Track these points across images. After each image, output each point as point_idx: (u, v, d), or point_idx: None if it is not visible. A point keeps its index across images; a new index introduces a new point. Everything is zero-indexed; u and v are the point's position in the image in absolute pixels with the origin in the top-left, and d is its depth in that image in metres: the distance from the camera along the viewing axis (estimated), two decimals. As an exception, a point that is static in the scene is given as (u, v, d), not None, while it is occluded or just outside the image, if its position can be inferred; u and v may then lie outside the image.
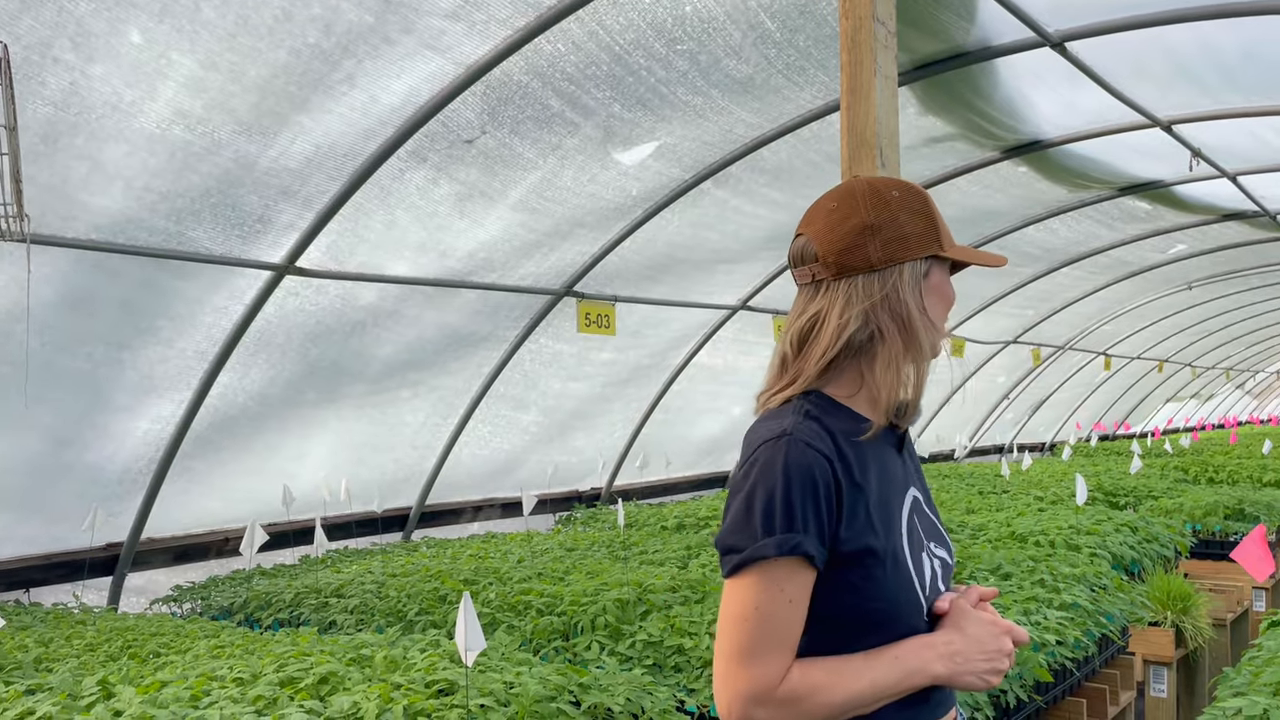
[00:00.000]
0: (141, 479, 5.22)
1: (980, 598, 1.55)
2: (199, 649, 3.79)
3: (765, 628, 1.38)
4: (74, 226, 3.98)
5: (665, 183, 5.70)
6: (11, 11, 3.13)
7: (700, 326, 7.71)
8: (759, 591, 1.38)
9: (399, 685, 3.01)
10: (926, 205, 1.53)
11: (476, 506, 7.32)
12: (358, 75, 3.92)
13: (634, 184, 5.58)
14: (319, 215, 4.60)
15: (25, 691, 3.23)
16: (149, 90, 3.60)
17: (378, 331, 5.65)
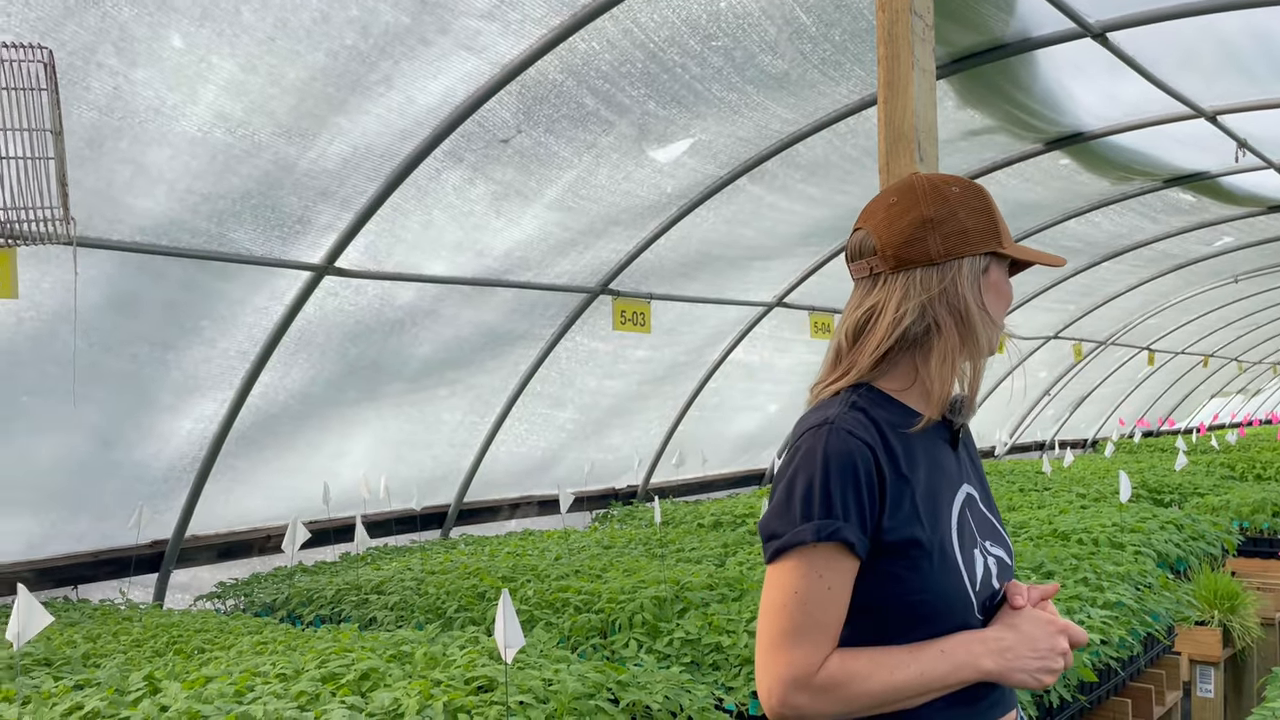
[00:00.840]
0: (186, 477, 5.30)
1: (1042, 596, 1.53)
2: (242, 645, 3.84)
3: (804, 613, 1.39)
4: (119, 229, 4.04)
5: (700, 179, 5.68)
6: (56, 18, 3.19)
7: (736, 323, 7.68)
8: (798, 577, 1.39)
9: (439, 682, 3.03)
10: (986, 202, 1.54)
11: (514, 504, 7.35)
12: (394, 76, 3.95)
13: (669, 181, 5.57)
14: (357, 216, 4.65)
15: (74, 687, 3.30)
16: (190, 94, 3.65)
17: (416, 330, 5.69)
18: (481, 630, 4.00)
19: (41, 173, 3.01)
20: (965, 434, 1.63)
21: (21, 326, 4.15)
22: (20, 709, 2.95)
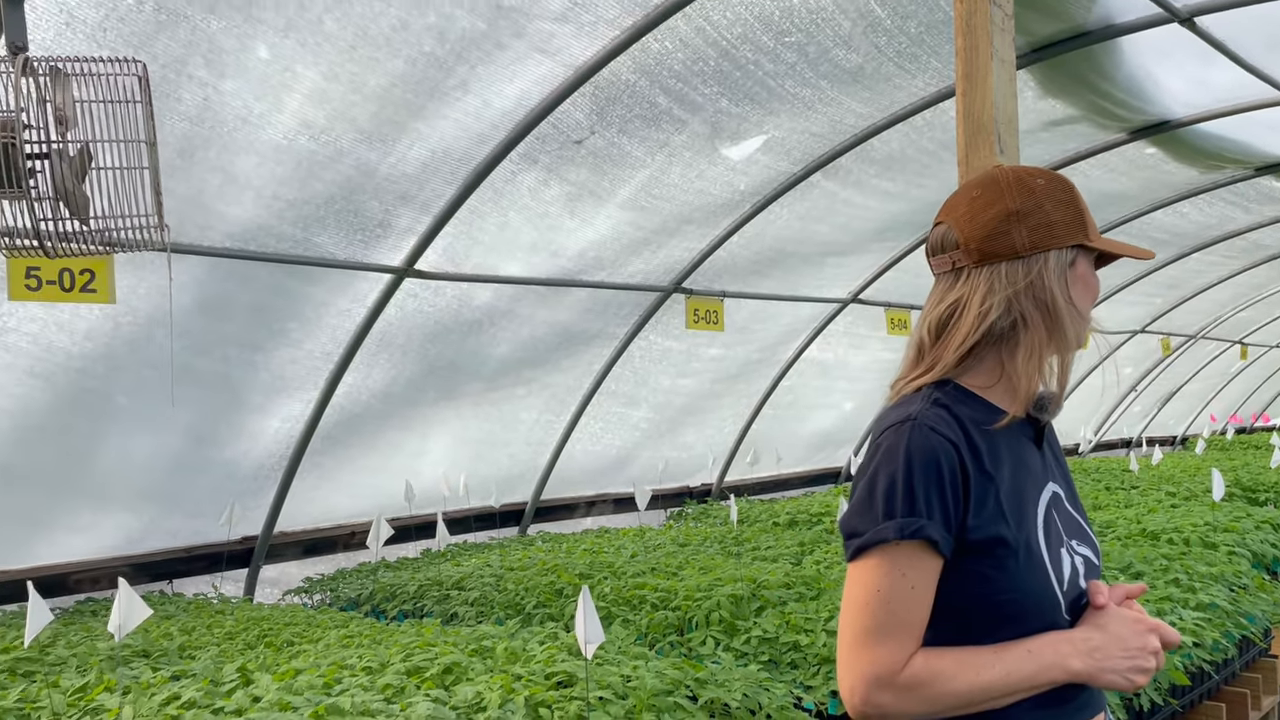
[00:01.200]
0: (274, 475, 5.46)
1: (1126, 595, 1.50)
2: (330, 639, 3.94)
3: (887, 611, 1.37)
4: (210, 235, 4.19)
5: (773, 176, 5.66)
6: (148, 33, 3.32)
7: (810, 320, 7.63)
8: (880, 575, 1.38)
9: (519, 676, 3.08)
10: (1072, 194, 1.51)
11: (589, 502, 7.41)
12: (471, 81, 4.01)
13: (741, 179, 5.56)
14: (436, 219, 4.73)
15: (171, 677, 3.42)
16: (276, 103, 3.76)
17: (493, 331, 5.78)
18: (560, 626, 4.05)
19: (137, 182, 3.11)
20: (1049, 431, 1.60)
21: (119, 331, 4.32)
22: (121, 698, 3.07)
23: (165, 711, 2.88)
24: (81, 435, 4.62)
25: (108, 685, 3.23)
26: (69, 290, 3.73)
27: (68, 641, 3.99)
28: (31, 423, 4.35)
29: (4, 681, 3.48)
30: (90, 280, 3.78)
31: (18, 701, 3.13)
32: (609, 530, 6.87)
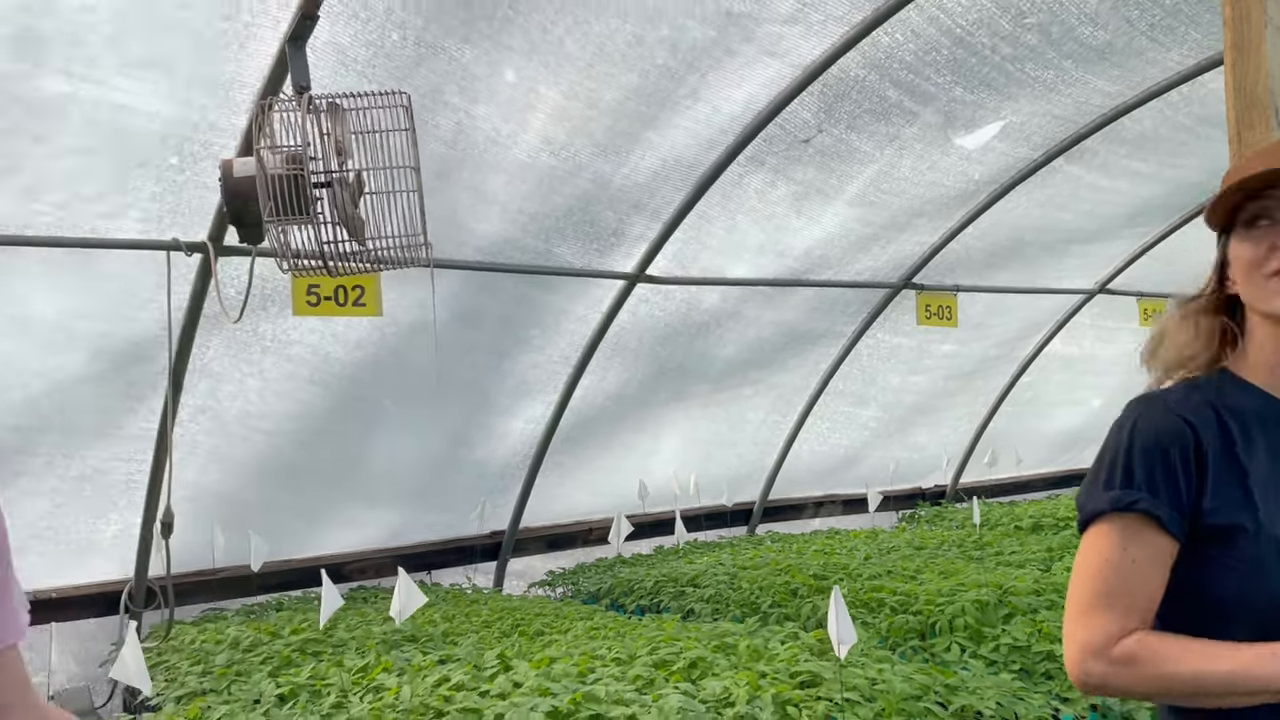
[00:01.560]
0: (519, 473, 5.77)
1: None
2: (577, 630, 4.13)
3: (1104, 582, 1.37)
4: (462, 250, 4.49)
5: (1011, 163, 5.42)
6: (410, 65, 3.60)
7: (1051, 313, 7.23)
8: (1100, 547, 1.38)
9: (764, 674, 3.12)
10: None
11: (818, 502, 7.36)
12: (701, 89, 4.10)
13: (976, 168, 5.36)
14: (666, 225, 4.86)
15: (438, 661, 3.70)
16: (521, 123, 3.98)
17: (720, 332, 5.86)
18: (798, 626, 4.06)
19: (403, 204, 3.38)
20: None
21: (385, 341, 4.71)
22: (398, 679, 3.35)
23: (438, 692, 3.12)
24: (353, 438, 5.06)
25: (385, 666, 3.54)
26: (343, 305, 4.10)
27: (347, 625, 4.38)
28: (312, 426, 4.81)
29: (297, 660, 3.87)
30: (361, 295, 4.14)
31: (309, 678, 3.48)
32: (839, 531, 6.79)
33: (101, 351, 4.00)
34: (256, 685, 3.45)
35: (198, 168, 3.59)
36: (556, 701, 2.84)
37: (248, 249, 3.44)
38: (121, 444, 4.25)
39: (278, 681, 3.44)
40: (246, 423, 4.59)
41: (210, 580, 4.77)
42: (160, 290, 3.79)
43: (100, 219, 3.56)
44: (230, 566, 4.78)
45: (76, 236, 3.58)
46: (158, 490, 4.31)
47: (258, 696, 3.35)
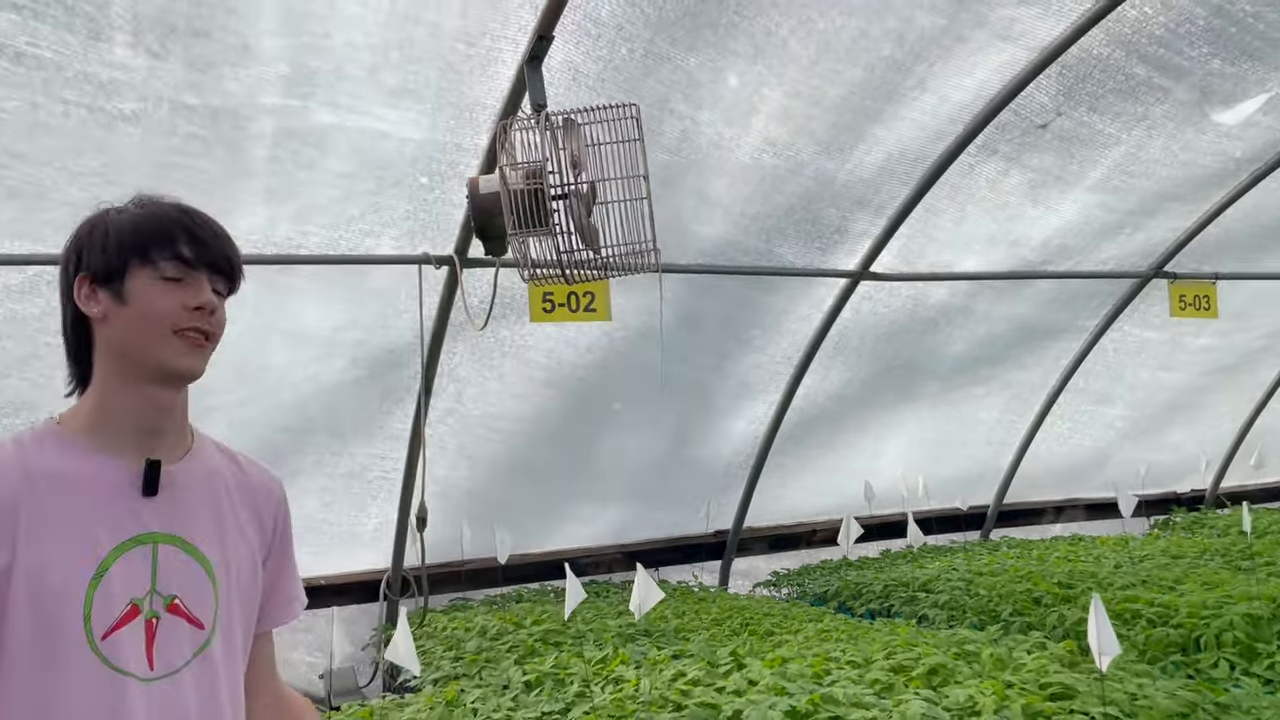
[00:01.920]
0: (741, 473, 5.81)
1: None
2: (808, 631, 4.11)
3: None
4: (686, 254, 4.57)
5: (1276, 139, 4.94)
6: (638, 76, 3.70)
7: (1330, 300, 6.53)
8: None
9: (1010, 684, 3.00)
10: None
11: (1058, 507, 6.97)
12: (928, 79, 3.99)
13: (1236, 145, 4.92)
14: (891, 220, 4.75)
15: (672, 655, 3.79)
16: (744, 126, 4.01)
17: (949, 329, 5.66)
18: (1042, 636, 3.86)
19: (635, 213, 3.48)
20: None
21: (613, 345, 4.86)
22: (635, 671, 3.45)
23: (675, 686, 3.19)
24: (584, 437, 5.25)
25: (623, 659, 3.65)
26: (575, 311, 4.27)
27: (583, 618, 4.56)
28: (547, 427, 5.04)
29: (539, 649, 4.07)
30: (591, 301, 4.30)
31: (553, 667, 3.64)
32: (1082, 538, 6.41)
33: (360, 359, 4.35)
34: (505, 672, 3.65)
35: (445, 186, 3.85)
36: (794, 701, 2.84)
37: (490, 260, 3.65)
38: (380, 443, 4.60)
39: (524, 669, 3.63)
40: (488, 423, 4.86)
41: (458, 571, 5.08)
42: (412, 301, 4.08)
43: (362, 237, 3.88)
44: (476, 559, 5.08)
45: (341, 254, 3.91)
46: (411, 486, 4.65)
47: (506, 682, 3.55)
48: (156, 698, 1.22)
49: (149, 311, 1.25)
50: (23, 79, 3.00)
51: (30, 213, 3.33)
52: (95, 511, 1.21)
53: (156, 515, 1.26)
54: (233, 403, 4.15)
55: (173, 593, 1.25)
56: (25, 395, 3.81)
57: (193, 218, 1.31)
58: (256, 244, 3.70)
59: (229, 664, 1.33)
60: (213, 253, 1.29)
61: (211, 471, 1.36)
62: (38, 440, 1.24)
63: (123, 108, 3.16)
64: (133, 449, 1.27)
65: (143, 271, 1.26)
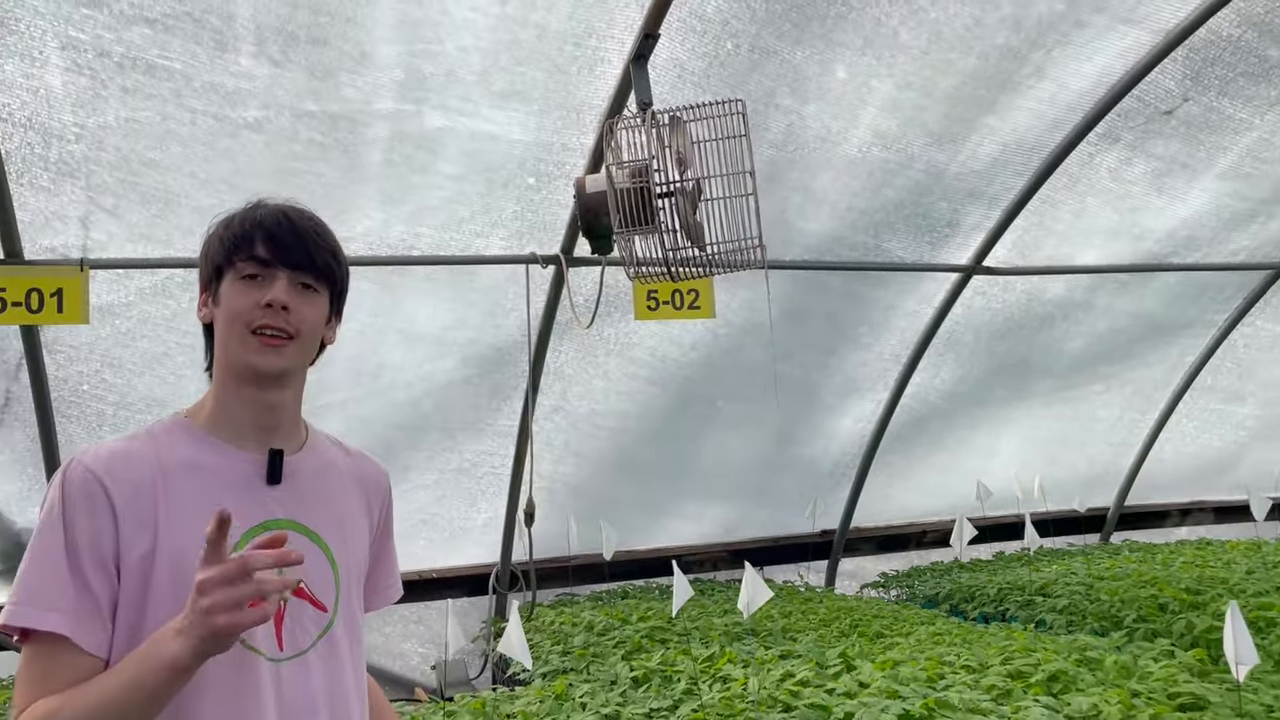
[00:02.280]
0: (848, 472, 5.72)
1: None
2: (919, 634, 4.02)
3: None
4: (791, 250, 4.52)
5: None
6: (743, 72, 3.68)
7: None
8: None
9: (1136, 693, 2.88)
10: None
11: (1183, 510, 6.66)
12: (1046, 66, 3.85)
13: (1383, 126, 4.61)
14: (1005, 213, 4.61)
15: (780, 656, 3.75)
16: (851, 119, 3.95)
17: (1066, 325, 5.47)
18: (1169, 643, 3.70)
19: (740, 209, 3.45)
20: None
21: (717, 342, 4.84)
22: (743, 670, 3.43)
23: (784, 687, 3.16)
24: (688, 435, 5.25)
25: (730, 657, 3.64)
26: (679, 309, 4.27)
27: (688, 615, 4.55)
28: (651, 424, 5.05)
29: (646, 645, 4.08)
30: (695, 299, 4.29)
31: (660, 664, 3.65)
32: (1210, 542, 6.11)
33: (470, 358, 4.44)
34: (612, 667, 3.67)
35: (551, 186, 3.89)
36: (908, 705, 2.78)
37: (596, 259, 3.67)
38: (489, 440, 4.69)
39: (631, 665, 3.65)
40: (593, 420, 4.90)
41: (565, 566, 5.14)
42: (519, 300, 4.15)
43: (471, 238, 3.95)
44: (582, 554, 5.13)
45: (451, 255, 4.00)
46: (519, 482, 4.72)
47: (614, 678, 3.57)
48: (286, 678, 1.27)
49: (229, 311, 1.30)
50: (154, 90, 3.15)
51: (161, 218, 3.50)
52: (225, 498, 1.26)
53: (280, 503, 1.32)
54: (350, 400, 4.28)
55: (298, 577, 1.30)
56: (156, 393, 4.01)
57: (281, 219, 1.32)
58: (372, 245, 3.81)
59: (352, 647, 1.38)
60: (292, 252, 1.30)
61: (327, 463, 1.41)
62: (168, 432, 1.31)
63: (246, 115, 3.29)
64: (253, 441, 1.33)
65: (229, 274, 1.30)
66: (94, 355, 3.86)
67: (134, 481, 1.24)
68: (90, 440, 4.02)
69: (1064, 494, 6.25)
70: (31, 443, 3.95)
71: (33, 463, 4.02)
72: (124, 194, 3.40)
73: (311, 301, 1.33)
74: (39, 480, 4.05)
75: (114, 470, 1.23)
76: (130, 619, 1.21)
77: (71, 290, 3.39)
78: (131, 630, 1.21)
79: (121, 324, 3.80)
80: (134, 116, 3.21)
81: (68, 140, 3.21)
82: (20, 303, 3.33)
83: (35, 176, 3.27)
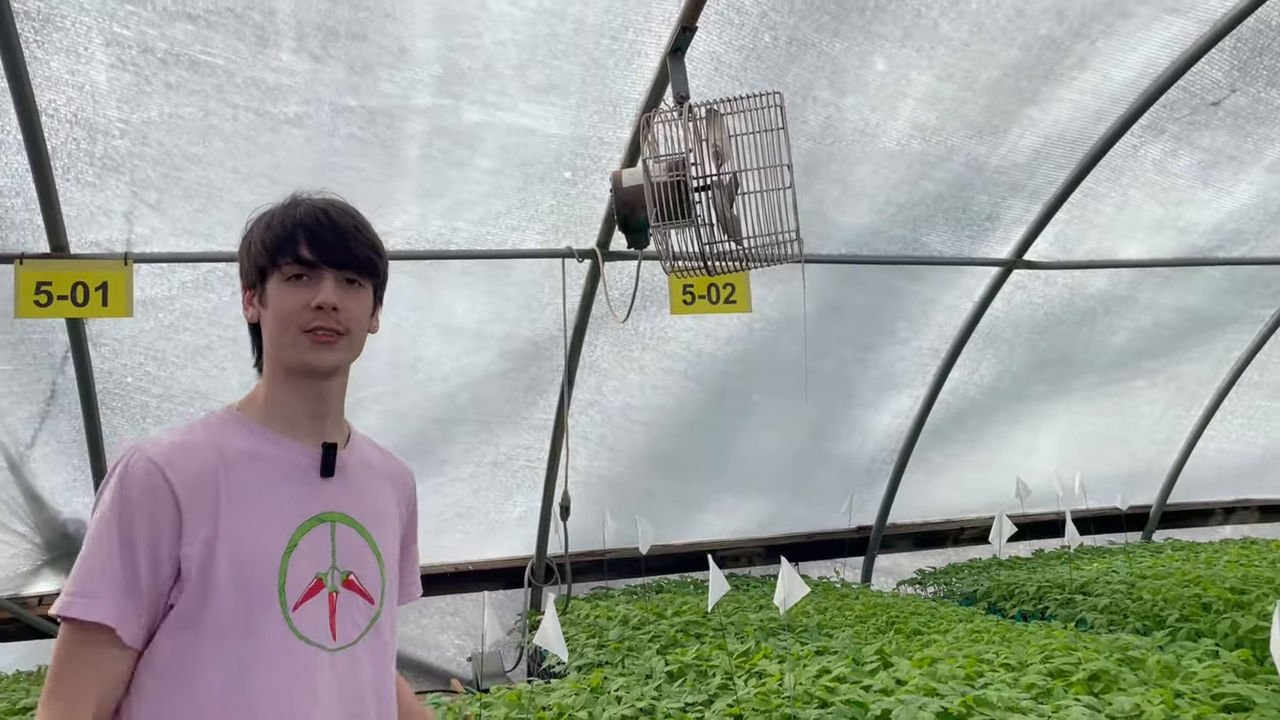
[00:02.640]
0: (885, 468, 5.68)
1: None
2: (957, 631, 3.99)
3: None
4: (828, 244, 4.49)
5: None
6: (781, 64, 3.65)
7: None
8: None
9: (1180, 694, 2.83)
10: None
11: (1227, 508, 6.55)
12: (1089, 57, 3.79)
13: None
14: (1046, 206, 4.55)
15: (815, 652, 3.73)
16: (890, 112, 3.91)
17: (1108, 319, 5.39)
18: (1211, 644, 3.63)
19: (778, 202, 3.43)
20: None
21: (753, 336, 4.82)
22: (779, 666, 3.42)
23: (820, 683, 3.14)
24: (723, 430, 5.23)
25: (765, 653, 3.62)
26: (715, 303, 4.25)
27: (724, 610, 4.55)
28: (686, 419, 5.04)
29: (681, 640, 4.08)
30: (731, 293, 4.27)
31: (695, 659, 3.65)
32: (1255, 541, 6.00)
33: (506, 352, 4.45)
34: (647, 661, 3.67)
35: (587, 180, 3.89)
36: (946, 703, 2.76)
37: (633, 254, 3.67)
38: (524, 434, 4.70)
39: (666, 659, 3.65)
40: (628, 415, 4.90)
41: (600, 560, 5.15)
42: (555, 295, 4.15)
43: (508, 232, 3.97)
44: (617, 549, 5.14)
45: (488, 249, 4.01)
46: (554, 475, 4.73)
47: (649, 672, 3.57)
48: (339, 668, 1.29)
49: (278, 312, 1.31)
50: (197, 85, 3.19)
51: (203, 212, 3.54)
52: (284, 488, 1.28)
53: (333, 496, 1.34)
54: (386, 394, 4.31)
55: (349, 568, 1.31)
56: (199, 385, 4.06)
57: (320, 217, 1.32)
58: (410, 240, 3.84)
59: (392, 638, 1.40)
60: (335, 251, 1.31)
61: (366, 460, 1.44)
62: (223, 423, 1.33)
63: (287, 111, 3.32)
64: (308, 433, 1.35)
65: (275, 275, 1.32)
66: (138, 348, 3.92)
67: (196, 472, 1.26)
68: (135, 432, 4.08)
69: (1105, 491, 6.16)
70: (77, 434, 4.02)
71: (78, 454, 4.09)
72: (167, 189, 3.44)
73: (357, 297, 1.34)
74: (84, 471, 4.13)
75: (176, 462, 1.25)
76: (189, 608, 1.23)
77: (116, 284, 3.44)
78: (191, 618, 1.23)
79: (165, 317, 3.85)
80: (177, 112, 3.25)
81: (112, 135, 3.26)
82: (66, 296, 3.39)
83: (81, 172, 3.33)
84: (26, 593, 4.37)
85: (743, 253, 3.43)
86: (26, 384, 3.90)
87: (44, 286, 3.37)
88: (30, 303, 3.36)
